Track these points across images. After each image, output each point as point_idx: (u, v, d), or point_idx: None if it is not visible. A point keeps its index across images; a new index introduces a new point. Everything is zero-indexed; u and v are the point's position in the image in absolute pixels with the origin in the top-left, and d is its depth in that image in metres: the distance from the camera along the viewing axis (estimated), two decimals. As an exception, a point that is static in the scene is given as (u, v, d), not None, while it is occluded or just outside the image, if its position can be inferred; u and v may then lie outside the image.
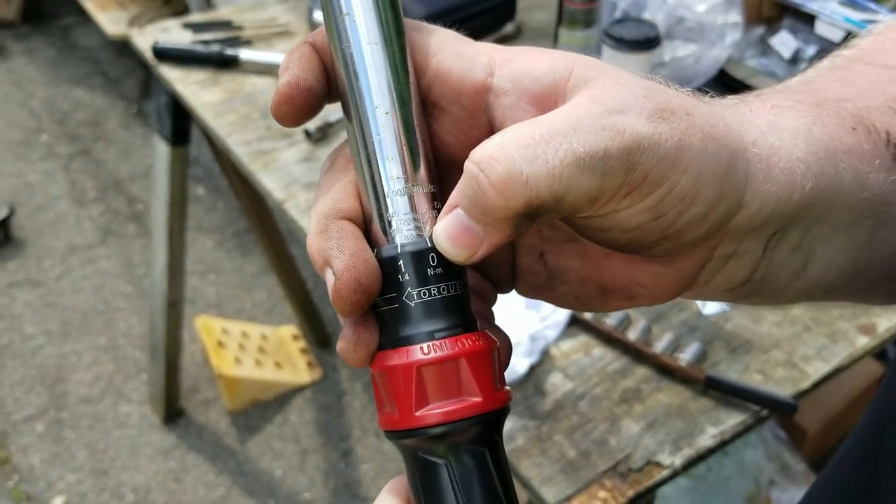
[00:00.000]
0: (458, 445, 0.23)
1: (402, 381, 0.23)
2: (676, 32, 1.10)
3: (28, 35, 2.87)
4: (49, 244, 2.07)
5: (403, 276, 0.23)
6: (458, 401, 0.22)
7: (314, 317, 1.81)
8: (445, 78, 0.25)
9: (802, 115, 0.26)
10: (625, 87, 0.23)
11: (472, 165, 0.22)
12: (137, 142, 2.42)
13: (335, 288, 0.23)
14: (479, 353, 0.23)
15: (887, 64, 0.30)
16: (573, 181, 0.21)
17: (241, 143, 1.07)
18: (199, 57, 1.20)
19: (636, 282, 0.27)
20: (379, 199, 0.24)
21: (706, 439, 0.73)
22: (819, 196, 0.25)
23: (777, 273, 0.27)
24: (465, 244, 0.23)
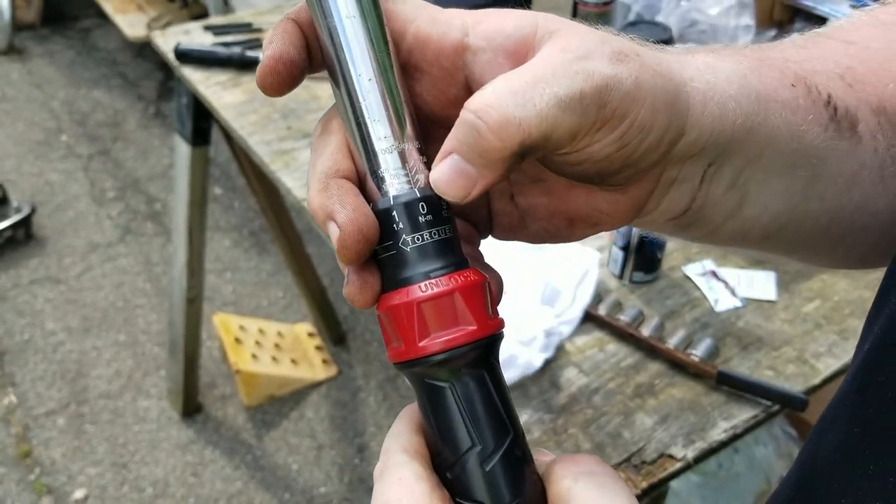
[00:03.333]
0: (460, 369, 0.25)
1: (405, 317, 0.25)
2: (689, 35, 1.12)
3: (48, 37, 2.92)
4: (69, 242, 2.11)
5: (398, 224, 0.26)
6: (457, 330, 0.25)
7: (329, 314, 1.84)
8: (424, 42, 0.27)
9: (740, 63, 0.29)
10: (585, 36, 0.26)
11: (469, 114, 0.24)
12: (155, 142, 2.46)
13: (340, 238, 0.25)
14: (472, 287, 0.26)
15: (848, 39, 0.32)
16: (557, 120, 0.24)
17: (261, 143, 1.09)
18: (221, 59, 1.22)
19: (597, 210, 0.30)
20: (370, 157, 0.26)
21: (718, 433, 0.75)
22: (749, 134, 0.28)
23: (713, 207, 0.30)
24: (461, 185, 0.25)
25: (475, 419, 0.25)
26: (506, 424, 0.26)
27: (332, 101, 0.28)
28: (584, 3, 1.14)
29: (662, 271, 0.90)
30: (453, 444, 0.26)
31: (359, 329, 1.91)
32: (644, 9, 1.14)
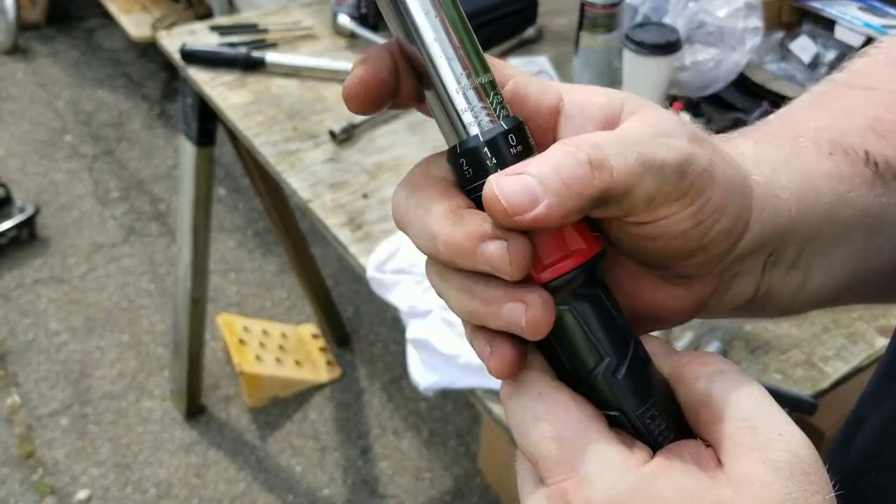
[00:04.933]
0: (576, 290, 0.27)
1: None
2: (697, 37, 1.11)
3: (53, 37, 2.92)
4: (73, 242, 2.11)
5: (490, 160, 0.26)
6: (569, 255, 0.26)
7: (333, 316, 1.83)
8: (523, 98, 0.28)
9: (779, 149, 0.30)
10: (666, 116, 0.28)
11: (571, 144, 0.25)
12: (160, 143, 2.46)
13: (511, 256, 0.25)
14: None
15: (867, 85, 0.34)
16: (641, 179, 0.25)
17: (267, 143, 1.09)
18: (227, 59, 1.22)
19: (662, 306, 0.30)
20: (453, 100, 0.26)
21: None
22: (804, 218, 0.29)
23: (779, 289, 0.31)
24: (524, 203, 0.24)
25: (600, 335, 0.27)
26: (627, 332, 0.27)
27: (339, 101, 0.28)
28: (592, 4, 1.13)
29: (670, 274, 0.90)
30: (581, 363, 0.27)
31: (363, 331, 1.91)
32: (651, 10, 1.14)
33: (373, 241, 0.92)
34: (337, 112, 1.15)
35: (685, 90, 1.13)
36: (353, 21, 1.29)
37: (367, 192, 1.01)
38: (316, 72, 1.23)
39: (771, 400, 0.26)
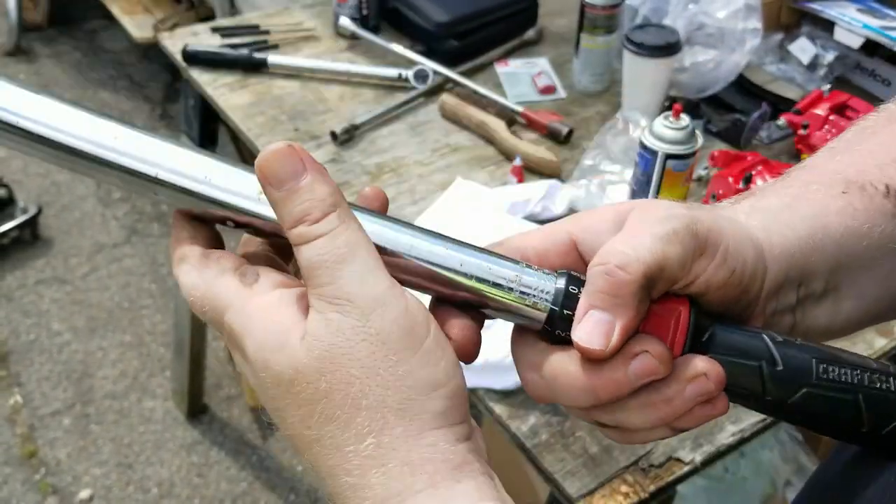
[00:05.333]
0: (704, 333, 0.32)
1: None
2: (696, 38, 1.12)
3: (55, 38, 2.93)
4: (76, 243, 2.11)
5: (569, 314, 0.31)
6: (676, 324, 0.31)
7: (334, 316, 1.84)
8: (543, 256, 0.33)
9: (782, 197, 0.34)
10: (662, 202, 0.32)
11: (596, 266, 0.30)
12: (161, 143, 2.47)
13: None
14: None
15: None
16: (665, 252, 0.30)
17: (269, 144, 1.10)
18: (229, 60, 1.23)
19: None
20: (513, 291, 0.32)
21: (726, 437, 0.75)
22: (816, 253, 0.33)
23: (815, 316, 0.34)
24: (603, 333, 0.29)
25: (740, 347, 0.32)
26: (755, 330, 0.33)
27: (340, 102, 0.30)
28: (592, 6, 1.14)
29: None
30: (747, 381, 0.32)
31: (364, 331, 1.92)
32: (651, 12, 1.14)
33: (374, 242, 0.93)
34: (338, 113, 1.16)
35: (685, 91, 1.13)
36: (355, 23, 1.30)
37: (368, 192, 1.02)
38: (317, 73, 1.23)
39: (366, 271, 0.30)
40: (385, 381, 0.28)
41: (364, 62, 1.26)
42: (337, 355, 0.28)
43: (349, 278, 0.29)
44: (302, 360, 0.28)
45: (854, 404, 0.30)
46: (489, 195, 0.94)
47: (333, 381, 0.28)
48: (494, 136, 1.09)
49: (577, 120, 1.15)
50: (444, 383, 0.29)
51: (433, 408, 0.29)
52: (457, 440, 0.29)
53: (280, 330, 0.29)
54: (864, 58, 1.20)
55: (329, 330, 0.28)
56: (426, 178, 1.04)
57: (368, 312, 0.29)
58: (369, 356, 0.28)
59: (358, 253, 0.29)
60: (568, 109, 1.18)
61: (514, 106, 1.14)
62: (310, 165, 0.30)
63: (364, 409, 0.28)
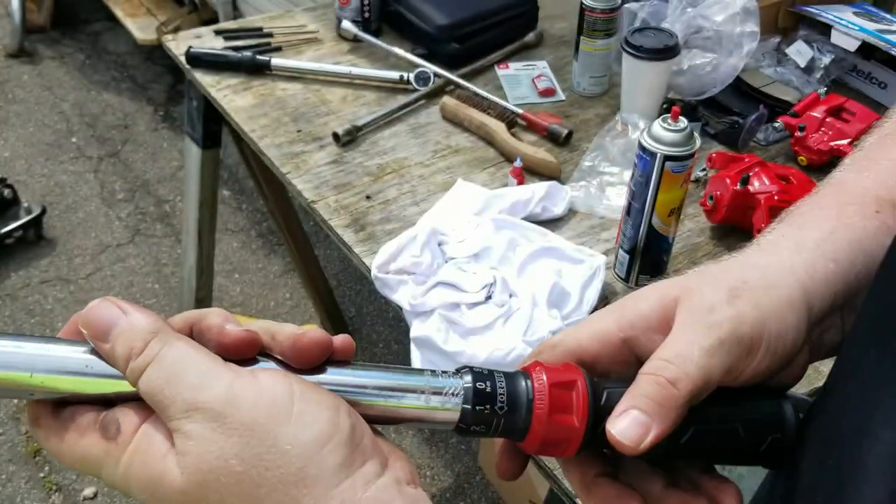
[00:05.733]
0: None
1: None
2: (694, 41, 1.13)
3: (58, 40, 2.94)
4: (79, 243, 2.13)
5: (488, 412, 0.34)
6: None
7: (336, 316, 1.85)
8: (595, 358, 0.35)
9: (825, 222, 0.36)
10: (703, 290, 0.34)
11: (649, 375, 0.32)
12: (164, 145, 2.48)
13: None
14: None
15: None
16: (711, 365, 0.32)
17: (272, 146, 1.11)
18: (232, 62, 1.24)
19: (788, 378, 0.37)
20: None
21: (722, 433, 0.76)
22: (857, 277, 0.35)
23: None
24: (639, 434, 0.31)
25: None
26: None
27: (342, 104, 0.32)
28: (591, 9, 1.15)
29: (668, 274, 0.92)
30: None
31: (365, 330, 1.93)
32: (650, 15, 1.15)
33: (376, 242, 0.94)
34: (340, 115, 1.17)
35: (683, 94, 1.15)
36: (356, 26, 1.31)
37: (370, 193, 1.03)
38: (320, 75, 1.24)
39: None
40: (273, 462, 0.28)
41: (366, 65, 1.28)
42: (210, 462, 0.28)
43: (188, 390, 0.29)
44: (182, 482, 0.28)
45: (736, 432, 0.34)
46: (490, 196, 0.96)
47: (220, 489, 0.28)
48: (495, 138, 1.10)
49: (577, 122, 1.17)
50: (331, 435, 0.29)
51: (332, 462, 0.28)
52: (367, 483, 0.29)
53: (154, 462, 0.29)
54: (861, 61, 1.21)
55: (193, 443, 0.28)
56: (427, 179, 1.06)
57: (222, 410, 0.28)
58: (245, 448, 0.28)
59: (188, 366, 0.29)
60: (567, 112, 1.19)
61: (514, 108, 1.15)
62: (126, 307, 0.31)
63: (265, 497, 0.28)
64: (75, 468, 0.31)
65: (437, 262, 0.87)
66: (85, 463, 0.30)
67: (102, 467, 0.30)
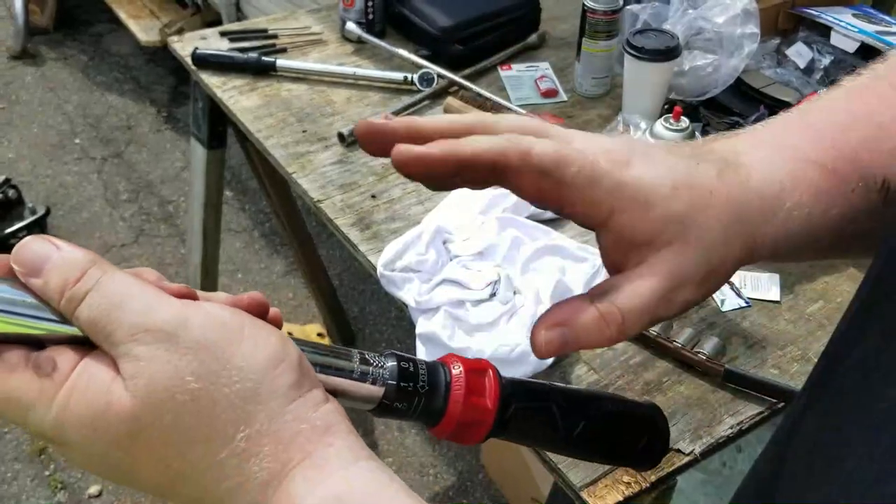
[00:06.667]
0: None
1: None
2: (695, 43, 1.14)
3: (61, 42, 2.96)
4: (84, 243, 2.12)
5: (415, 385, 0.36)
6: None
7: (339, 315, 1.86)
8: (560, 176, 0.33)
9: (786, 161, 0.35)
10: (694, 240, 0.33)
11: (599, 317, 0.32)
12: (168, 146, 2.50)
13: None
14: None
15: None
16: (660, 315, 0.33)
17: (278, 146, 1.12)
18: (238, 64, 1.25)
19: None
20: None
21: (725, 429, 0.77)
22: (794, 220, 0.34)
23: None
24: (555, 350, 0.33)
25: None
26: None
27: (347, 104, 0.33)
28: (593, 11, 1.16)
29: (670, 272, 0.93)
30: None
31: (368, 330, 1.94)
32: (651, 17, 1.17)
33: (381, 241, 0.95)
34: (345, 115, 1.18)
35: (684, 94, 1.16)
36: (360, 27, 1.33)
37: (374, 192, 1.04)
38: (325, 76, 1.26)
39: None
40: (230, 379, 0.28)
41: (370, 66, 1.29)
42: (164, 381, 0.27)
43: (134, 315, 0.28)
44: (132, 406, 0.27)
45: (616, 427, 0.39)
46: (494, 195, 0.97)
47: (175, 407, 0.27)
48: (498, 138, 1.11)
49: (579, 122, 1.18)
50: (282, 357, 0.29)
51: (284, 382, 0.29)
52: (316, 405, 0.30)
53: (97, 394, 0.27)
54: (860, 62, 1.22)
55: (143, 363, 0.27)
56: (432, 179, 1.07)
57: (173, 331, 0.28)
58: (201, 365, 0.28)
59: (133, 292, 0.28)
60: (570, 112, 1.21)
61: (517, 109, 1.16)
62: (59, 243, 0.29)
63: (220, 413, 0.28)
64: (1, 412, 0.29)
65: (442, 261, 0.88)
66: (13, 404, 0.28)
67: (31, 409, 0.28)
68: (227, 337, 0.28)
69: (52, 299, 0.29)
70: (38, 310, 0.29)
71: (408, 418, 0.35)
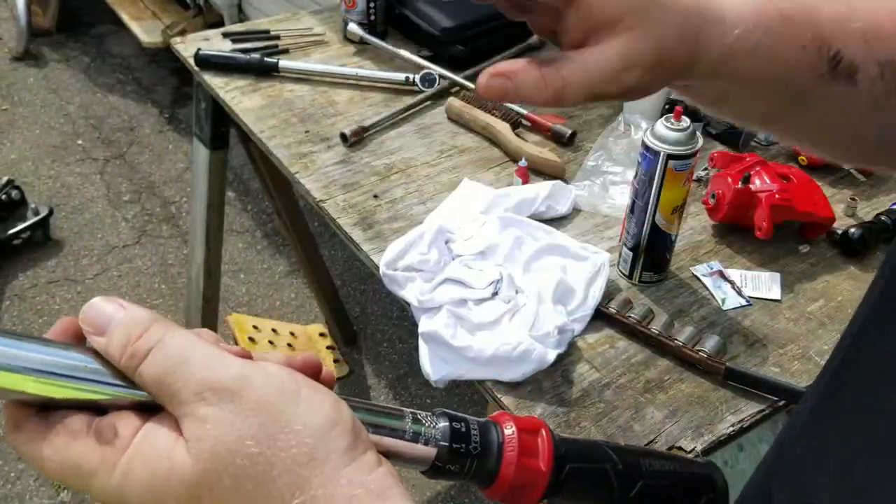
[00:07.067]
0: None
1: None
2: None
3: (63, 43, 2.97)
4: (86, 244, 2.15)
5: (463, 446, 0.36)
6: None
7: (341, 315, 1.87)
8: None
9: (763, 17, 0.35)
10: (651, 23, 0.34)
11: (550, 83, 0.33)
12: (170, 146, 2.50)
13: None
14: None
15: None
16: (603, 92, 0.34)
17: (281, 146, 1.13)
18: (241, 64, 1.26)
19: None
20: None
21: (726, 426, 0.77)
22: (749, 57, 0.35)
23: (700, 93, 0.38)
24: (498, 95, 0.34)
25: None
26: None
27: (349, 105, 0.33)
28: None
29: (671, 271, 0.93)
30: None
31: (369, 329, 1.94)
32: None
33: (383, 240, 0.95)
34: (347, 116, 1.19)
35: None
36: (363, 28, 1.33)
37: (377, 192, 1.04)
38: (327, 77, 1.26)
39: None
40: (287, 443, 0.28)
41: (372, 66, 1.29)
42: (228, 445, 0.27)
43: (200, 371, 0.28)
44: (195, 471, 0.27)
45: (674, 487, 0.37)
46: (495, 195, 0.97)
47: (235, 472, 0.27)
48: (500, 139, 1.12)
49: (580, 123, 1.18)
50: (337, 420, 0.29)
51: (339, 446, 0.29)
52: (371, 468, 0.29)
53: (159, 459, 0.28)
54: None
55: (209, 426, 0.28)
56: (434, 179, 1.07)
57: (237, 390, 0.28)
58: (261, 428, 0.28)
59: (196, 349, 0.29)
60: (570, 112, 1.21)
61: (518, 109, 1.17)
62: (125, 304, 0.30)
63: (277, 478, 0.28)
64: (61, 477, 0.29)
65: (445, 260, 0.89)
66: (74, 470, 0.28)
67: (95, 475, 0.28)
68: (285, 399, 0.29)
69: (114, 357, 0.29)
70: (101, 374, 0.29)
71: (459, 479, 0.34)
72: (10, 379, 0.28)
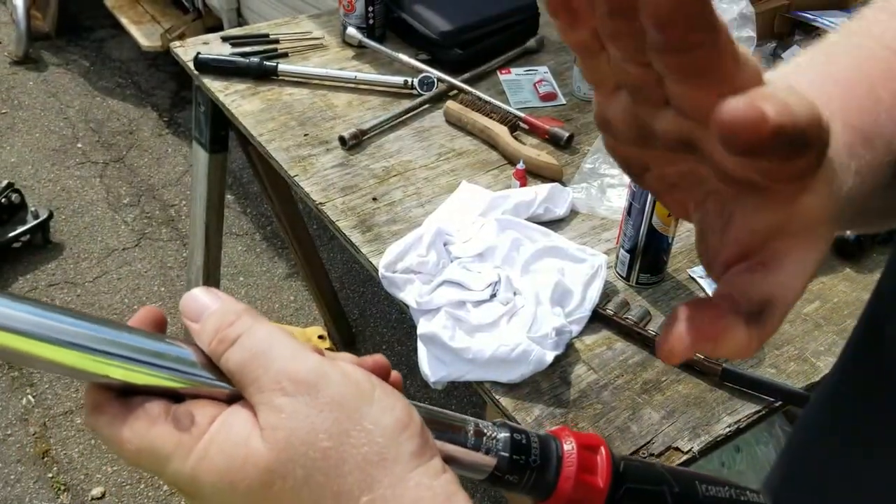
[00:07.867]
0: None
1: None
2: (693, 46, 1.15)
3: (63, 47, 2.97)
4: (86, 247, 2.15)
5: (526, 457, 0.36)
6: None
7: (340, 317, 1.87)
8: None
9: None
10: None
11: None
12: (169, 150, 2.51)
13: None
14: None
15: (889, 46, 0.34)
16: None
17: (280, 149, 1.13)
18: (240, 68, 1.27)
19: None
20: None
21: (723, 427, 0.78)
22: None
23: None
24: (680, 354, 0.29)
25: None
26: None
27: (348, 108, 0.33)
28: (592, 15, 1.18)
29: (668, 273, 0.94)
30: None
31: (368, 331, 1.95)
32: (649, 21, 1.18)
33: (382, 243, 0.96)
34: (346, 119, 1.19)
35: (682, 97, 1.17)
36: (361, 32, 1.34)
37: (376, 195, 1.05)
38: (326, 80, 1.27)
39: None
40: (359, 441, 0.28)
41: (371, 70, 1.30)
42: (301, 436, 0.28)
43: (281, 361, 0.29)
44: (269, 459, 0.28)
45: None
46: (493, 197, 0.98)
47: (307, 463, 0.28)
48: (498, 141, 1.12)
49: (578, 125, 1.19)
50: (408, 423, 0.30)
51: (408, 449, 0.29)
52: (437, 473, 0.30)
53: (235, 446, 0.28)
54: (856, 65, 1.23)
55: (284, 415, 0.28)
56: (432, 182, 1.08)
57: (315, 383, 0.28)
58: (334, 424, 0.28)
59: (280, 340, 0.30)
60: (568, 115, 1.22)
61: (516, 112, 1.18)
62: (222, 296, 0.31)
63: (347, 474, 0.28)
64: (137, 460, 0.29)
65: (443, 262, 0.89)
66: (151, 454, 0.29)
67: (170, 460, 0.29)
68: (360, 398, 0.29)
69: (204, 342, 0.30)
70: (183, 364, 0.30)
71: (517, 491, 0.34)
72: (95, 364, 0.29)
